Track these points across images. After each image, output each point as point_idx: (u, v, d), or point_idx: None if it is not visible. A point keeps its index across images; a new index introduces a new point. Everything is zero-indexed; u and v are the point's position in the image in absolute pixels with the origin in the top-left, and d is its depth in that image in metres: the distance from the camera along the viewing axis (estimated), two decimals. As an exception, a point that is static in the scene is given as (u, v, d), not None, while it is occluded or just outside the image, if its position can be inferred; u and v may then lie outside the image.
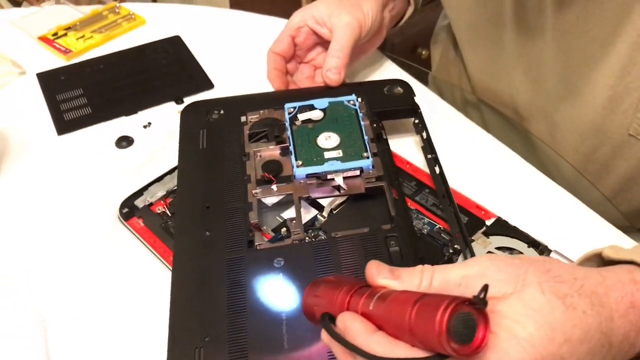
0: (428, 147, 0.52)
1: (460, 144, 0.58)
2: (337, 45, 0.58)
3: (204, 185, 0.50)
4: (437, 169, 0.51)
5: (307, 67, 0.63)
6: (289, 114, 0.54)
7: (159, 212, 0.51)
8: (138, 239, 0.50)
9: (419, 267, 0.32)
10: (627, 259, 0.33)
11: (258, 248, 0.45)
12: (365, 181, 0.49)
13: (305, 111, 0.54)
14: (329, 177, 0.49)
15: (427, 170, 0.53)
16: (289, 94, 0.58)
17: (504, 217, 0.49)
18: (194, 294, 0.42)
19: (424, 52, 0.95)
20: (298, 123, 0.54)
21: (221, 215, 0.47)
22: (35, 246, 0.51)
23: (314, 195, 0.49)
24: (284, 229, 0.49)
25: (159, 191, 0.52)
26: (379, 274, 0.32)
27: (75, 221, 0.53)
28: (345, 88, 0.57)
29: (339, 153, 0.50)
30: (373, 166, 0.49)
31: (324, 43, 0.60)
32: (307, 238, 0.46)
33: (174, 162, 0.54)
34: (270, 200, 0.50)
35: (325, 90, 0.57)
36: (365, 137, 0.51)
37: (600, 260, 0.35)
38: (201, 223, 0.47)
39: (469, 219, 0.49)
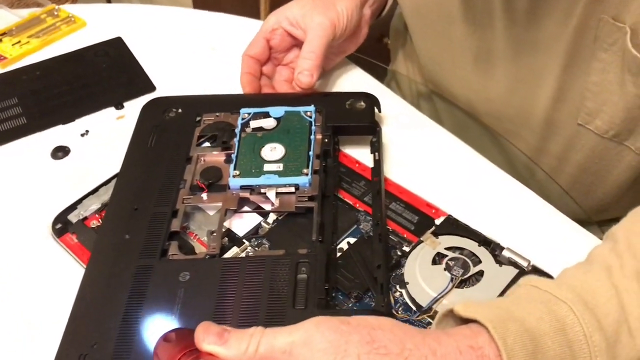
0: (377, 169, 0.55)
1: (414, 140, 0.61)
2: (309, 47, 0.60)
3: (139, 186, 0.53)
4: (378, 195, 0.53)
5: (285, 69, 0.66)
6: (243, 119, 0.57)
7: (93, 226, 0.51)
8: (72, 256, 0.47)
9: (250, 330, 0.34)
10: (473, 318, 0.34)
11: (170, 258, 0.48)
12: (298, 199, 0.51)
13: (260, 118, 0.56)
14: (262, 190, 0.51)
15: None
16: (252, 99, 0.62)
17: (457, 215, 0.52)
18: (96, 298, 0.45)
19: (390, 42, 0.93)
20: (248, 130, 0.56)
21: (145, 220, 0.50)
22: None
23: (243, 209, 0.52)
24: (225, 239, 0.47)
25: (93, 204, 0.52)
26: (204, 339, 0.34)
27: (6, 238, 0.55)
28: (310, 98, 0.60)
29: (279, 167, 0.53)
30: (310, 184, 0.51)
31: (301, 44, 0.62)
32: (218, 253, 0.48)
33: (112, 172, 0.57)
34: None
35: (290, 99, 0.60)
36: (311, 153, 0.53)
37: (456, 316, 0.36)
38: (124, 225, 0.49)
39: (419, 218, 0.50)
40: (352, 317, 0.34)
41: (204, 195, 0.52)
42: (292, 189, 0.51)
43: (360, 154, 0.58)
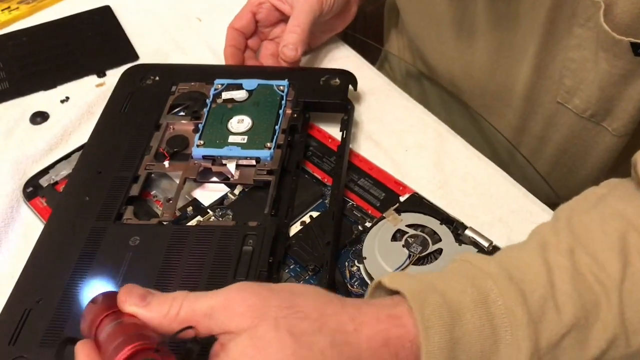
0: (342, 148, 0.55)
1: (392, 118, 0.61)
2: (294, 21, 0.61)
3: (106, 150, 0.55)
4: (338, 174, 0.53)
5: (271, 43, 0.66)
6: (215, 90, 0.58)
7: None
8: (40, 220, 0.49)
9: (173, 294, 0.34)
10: (396, 289, 0.35)
11: (124, 222, 0.49)
12: (257, 172, 0.52)
13: (233, 90, 0.57)
14: (224, 162, 0.52)
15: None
16: (229, 70, 0.62)
17: (428, 195, 0.52)
18: (48, 256, 0.47)
19: (384, 21, 0.93)
20: (219, 101, 0.57)
21: (107, 183, 0.51)
22: None
23: (202, 179, 0.53)
24: (189, 208, 0.47)
25: (64, 169, 0.53)
26: (126, 300, 0.34)
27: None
28: (285, 72, 0.60)
29: (243, 139, 0.53)
30: (271, 158, 0.52)
31: (287, 20, 0.63)
32: (171, 220, 0.49)
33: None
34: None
35: (266, 72, 0.61)
36: (277, 127, 0.54)
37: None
38: (86, 187, 0.51)
39: (386, 195, 0.50)
40: (277, 284, 0.35)
41: (166, 163, 0.53)
42: (253, 162, 0.52)
43: (336, 130, 0.58)
